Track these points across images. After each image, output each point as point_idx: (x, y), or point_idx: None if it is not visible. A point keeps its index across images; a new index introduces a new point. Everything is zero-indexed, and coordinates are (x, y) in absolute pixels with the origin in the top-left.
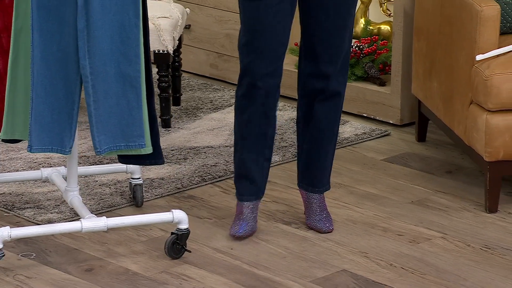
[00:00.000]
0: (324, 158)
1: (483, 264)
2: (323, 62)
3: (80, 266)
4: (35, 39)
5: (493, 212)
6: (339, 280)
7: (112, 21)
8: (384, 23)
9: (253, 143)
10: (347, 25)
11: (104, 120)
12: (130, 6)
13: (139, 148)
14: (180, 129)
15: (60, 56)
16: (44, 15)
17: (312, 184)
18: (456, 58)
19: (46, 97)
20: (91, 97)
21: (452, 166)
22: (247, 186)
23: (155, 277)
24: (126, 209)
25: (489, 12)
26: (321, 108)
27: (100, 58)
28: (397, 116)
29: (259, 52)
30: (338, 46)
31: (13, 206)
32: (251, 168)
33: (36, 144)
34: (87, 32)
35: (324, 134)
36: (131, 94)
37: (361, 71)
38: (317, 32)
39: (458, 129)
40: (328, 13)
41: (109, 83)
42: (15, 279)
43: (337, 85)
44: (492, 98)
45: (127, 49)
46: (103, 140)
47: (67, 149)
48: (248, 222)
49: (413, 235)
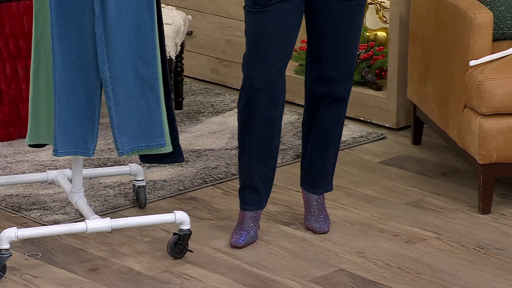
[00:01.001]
0: (326, 160)
1: (477, 264)
2: (328, 68)
3: (85, 265)
4: (55, 47)
5: (486, 213)
6: (337, 279)
7: (128, 26)
8: (381, 29)
9: (258, 154)
10: (352, 32)
11: (125, 122)
12: (145, 11)
13: (160, 147)
14: (182, 132)
15: (80, 62)
16: (63, 23)
17: (313, 184)
18: (450, 64)
19: (68, 102)
20: (111, 100)
21: (447, 168)
22: (250, 196)
23: (158, 276)
24: (130, 210)
25: (482, 19)
26: (326, 112)
27: (118, 62)
28: (393, 119)
29: (260, 65)
30: (343, 53)
31: (20, 207)
32: (255, 178)
33: (61, 148)
34: (105, 38)
35: (327, 137)
36: (150, 95)
37: (358, 76)
38: (323, 39)
39: (453, 133)
40: (333, 21)
41: (128, 86)
42: (22, 278)
43: (343, 91)
44: (486, 103)
45: (144, 52)
46: (125, 142)
47: (91, 152)
48: (249, 232)
49: (408, 236)
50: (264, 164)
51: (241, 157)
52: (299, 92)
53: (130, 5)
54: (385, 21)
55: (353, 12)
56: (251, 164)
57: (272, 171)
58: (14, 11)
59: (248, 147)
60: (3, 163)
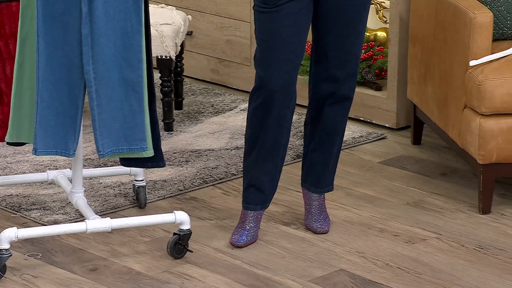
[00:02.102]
0: (328, 160)
1: (476, 264)
2: (333, 67)
3: (84, 265)
4: (40, 45)
5: (486, 213)
6: (337, 279)
7: (115, 28)
8: (381, 29)
9: (267, 154)
10: (357, 31)
11: (107, 124)
12: (132, 14)
13: (141, 151)
14: (182, 133)
15: (65, 61)
16: (49, 22)
17: (314, 184)
18: (450, 64)
19: (50, 101)
20: (94, 102)
21: (447, 168)
22: (255, 195)
23: (158, 276)
24: (130, 210)
25: (482, 19)
26: (330, 111)
27: (103, 63)
28: (393, 119)
29: (276, 65)
30: (348, 52)
31: (20, 207)
32: (262, 177)
33: (41, 147)
34: (91, 38)
35: (331, 136)
36: (134, 98)
37: (358, 76)
38: (328, 38)
39: (452, 133)
40: (338, 20)
41: (112, 88)
42: (22, 278)
43: (347, 90)
44: (486, 103)
45: (129, 55)
46: (106, 143)
47: (71, 152)
48: (250, 232)
49: (408, 236)
50: (272, 163)
51: (248, 156)
52: (299, 92)
53: (118, 7)
54: (385, 21)
55: (359, 10)
56: (259, 163)
57: (279, 172)
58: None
59: (258, 146)
60: (3, 163)
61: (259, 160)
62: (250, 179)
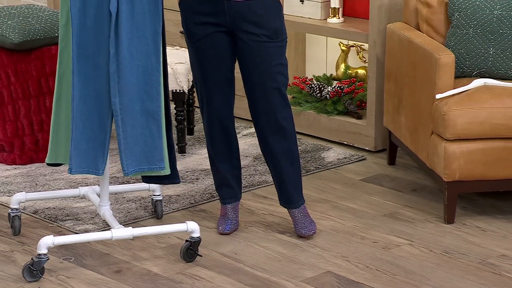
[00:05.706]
0: (288, 181)
1: (443, 267)
2: (258, 106)
3: (110, 268)
4: (75, 81)
5: (450, 223)
6: (325, 280)
7: (138, 66)
8: (361, 67)
9: (222, 157)
10: (269, 74)
11: (131, 147)
12: (152, 54)
13: (160, 170)
14: (194, 154)
15: (95, 95)
16: (83, 62)
17: (287, 202)
18: (419, 97)
19: (83, 129)
20: (120, 128)
21: (417, 185)
22: (227, 191)
23: (173, 277)
24: (149, 220)
25: (445, 59)
26: (272, 141)
27: (128, 96)
28: (371, 144)
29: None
30: (261, 98)
31: (56, 218)
32: (226, 176)
33: (75, 167)
34: (117, 75)
35: (281, 162)
36: (153, 125)
37: (342, 107)
38: (246, 86)
39: (422, 155)
40: (248, 68)
41: (135, 117)
42: (57, 279)
43: (281, 120)
44: (449, 130)
45: (150, 88)
46: (130, 164)
47: (100, 171)
48: (232, 221)
49: (385, 242)
50: (229, 163)
51: (211, 160)
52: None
53: (140, 48)
54: (364, 61)
55: (264, 54)
56: (219, 164)
57: (238, 169)
58: (54, 53)
59: (212, 152)
60: (43, 180)
61: (218, 163)
62: (218, 179)
